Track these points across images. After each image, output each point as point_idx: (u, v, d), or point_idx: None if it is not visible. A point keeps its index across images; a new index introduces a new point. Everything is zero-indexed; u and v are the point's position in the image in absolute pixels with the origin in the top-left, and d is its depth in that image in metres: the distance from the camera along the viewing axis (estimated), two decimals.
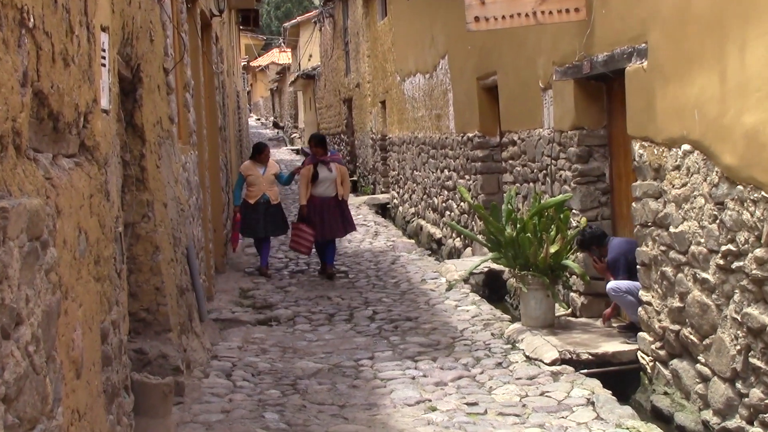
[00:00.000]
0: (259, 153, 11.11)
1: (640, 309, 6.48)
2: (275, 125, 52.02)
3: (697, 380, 5.58)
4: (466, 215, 11.99)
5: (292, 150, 38.32)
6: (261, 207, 10.99)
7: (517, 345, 7.35)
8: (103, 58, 3.88)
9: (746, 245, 4.86)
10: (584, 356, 6.70)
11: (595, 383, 6.23)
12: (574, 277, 7.90)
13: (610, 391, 6.04)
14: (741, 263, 4.92)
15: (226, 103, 15.10)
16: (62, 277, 2.71)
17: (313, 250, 11.15)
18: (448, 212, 13.12)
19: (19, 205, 2.22)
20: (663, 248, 5.99)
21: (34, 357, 2.29)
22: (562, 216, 7.59)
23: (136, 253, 5.72)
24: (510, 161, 9.94)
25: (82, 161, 3.26)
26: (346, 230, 10.95)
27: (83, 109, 3.21)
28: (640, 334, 6.50)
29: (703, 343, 5.48)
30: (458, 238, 12.40)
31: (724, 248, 5.10)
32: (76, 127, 3.11)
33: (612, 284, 6.95)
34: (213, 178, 11.13)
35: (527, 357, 6.97)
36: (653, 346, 6.25)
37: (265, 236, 11.08)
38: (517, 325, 7.85)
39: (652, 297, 6.24)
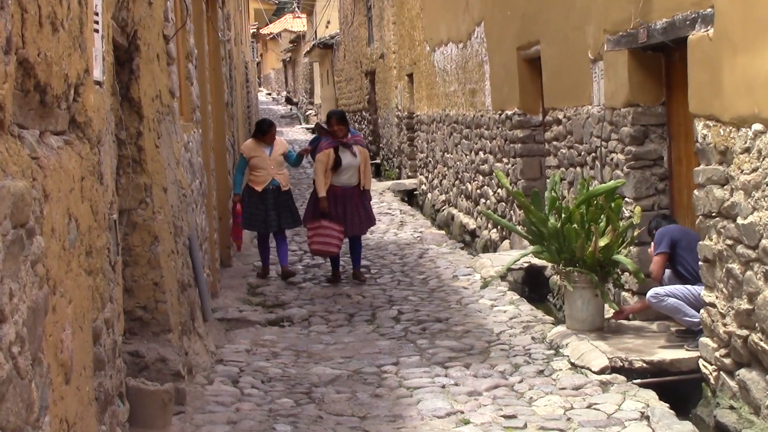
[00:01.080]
0: (263, 133, 10.38)
1: (702, 311, 6.43)
2: (288, 101, 52.14)
3: None
4: (503, 203, 11.95)
5: (307, 129, 38.38)
6: (270, 195, 10.29)
7: (561, 351, 7.32)
8: (96, 23, 3.88)
9: None
10: (638, 364, 6.67)
11: (650, 395, 6.19)
12: (627, 274, 7.85)
13: (668, 405, 6.00)
14: None
15: (234, 76, 15.13)
16: (50, 270, 2.71)
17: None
18: (483, 200, 13.09)
19: (2, 188, 2.22)
20: (729, 242, 5.93)
21: (19, 359, 2.29)
22: (613, 205, 7.55)
23: (133, 243, 5.74)
24: (554, 142, 9.88)
25: (72, 139, 3.26)
26: (368, 225, 10.41)
27: (74, 80, 3.21)
28: (702, 339, 6.45)
29: None
30: (494, 230, 12.36)
31: None
32: (65, 101, 3.11)
33: (651, 292, 6.99)
34: (219, 159, 11.17)
35: (572, 364, 6.95)
36: (717, 354, 6.19)
37: (279, 230, 10.43)
38: (561, 329, 7.82)
39: (716, 298, 6.18)
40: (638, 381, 6.52)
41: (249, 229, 10.68)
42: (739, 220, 5.77)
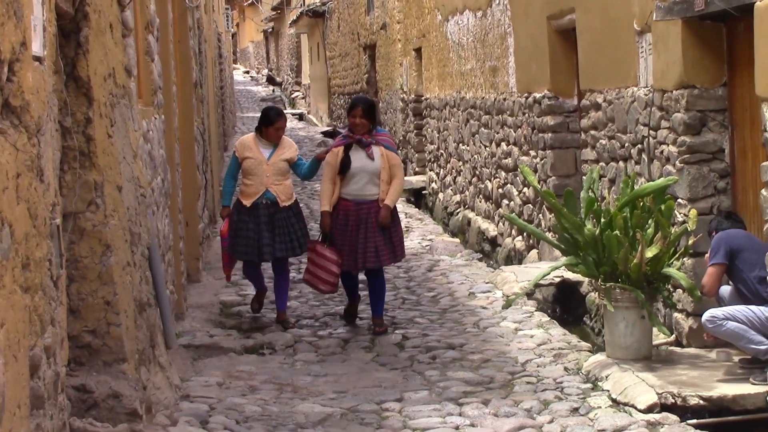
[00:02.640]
0: (269, 123, 9.41)
1: None
2: (270, 81, 52.12)
3: None
4: (530, 205, 11.93)
5: (293, 115, 38.35)
6: (261, 211, 9.30)
7: (599, 384, 7.30)
8: None
9: None
10: (693, 401, 6.65)
11: None
12: (680, 291, 7.82)
13: None
14: None
15: (204, 50, 15.13)
16: None
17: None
18: (505, 201, 13.07)
19: None
20: None
21: None
22: (663, 207, 7.53)
23: (80, 253, 5.71)
24: (592, 132, 9.86)
25: (5, 127, 3.25)
26: (394, 255, 9.25)
27: (7, 55, 3.20)
28: None
29: None
30: (519, 237, 12.34)
31: None
32: None
33: (707, 315, 6.97)
34: (185, 152, 11.15)
35: (614, 401, 6.92)
36: None
37: (275, 259, 9.47)
38: (600, 357, 7.80)
39: None
40: (694, 421, 6.49)
41: (235, 256, 9.64)
42: None
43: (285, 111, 42.03)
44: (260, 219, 9.31)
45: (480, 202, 14.58)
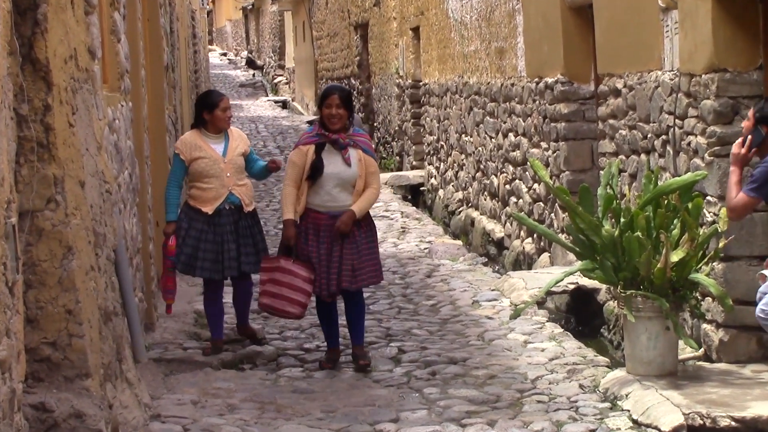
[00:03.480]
0: (213, 106, 8.82)
1: None
2: (250, 64, 52.20)
3: None
4: (541, 204, 11.93)
5: (276, 103, 38.40)
6: (225, 219, 8.75)
7: (619, 403, 7.31)
8: None
9: None
10: (724, 422, 6.64)
11: None
12: (709, 299, 7.82)
13: None
14: None
15: (176, 30, 15.11)
16: None
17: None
18: (513, 199, 13.07)
19: None
20: None
21: None
22: (690, 206, 7.53)
23: (38, 256, 5.70)
24: (610, 121, 9.86)
25: None
26: (371, 276, 8.66)
27: None
28: None
29: None
30: (529, 239, 12.34)
31: None
32: None
33: (761, 306, 6.78)
34: (156, 143, 11.14)
35: (635, 422, 6.91)
36: None
37: (239, 274, 8.93)
38: (619, 373, 7.80)
39: None
40: None
41: (190, 274, 9.16)
42: None
43: (267, 98, 41.98)
44: (224, 228, 8.73)
45: (485, 199, 14.58)
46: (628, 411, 7.10)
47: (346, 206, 8.38)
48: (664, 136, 8.63)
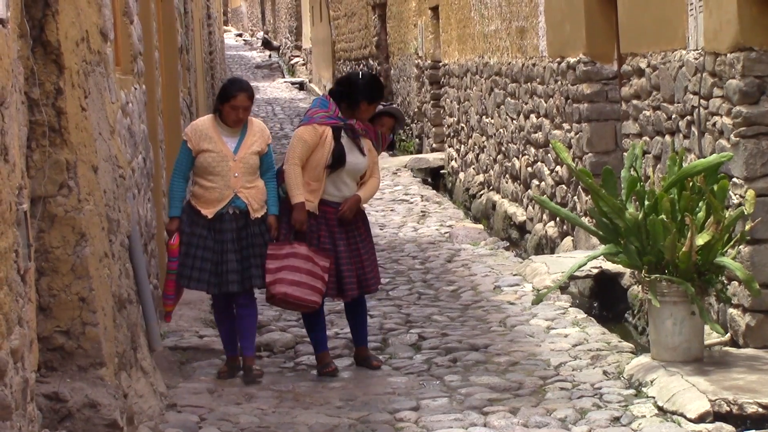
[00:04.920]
0: (227, 99, 7.88)
1: None
2: (266, 45, 52.11)
3: None
4: (563, 186, 11.91)
5: (293, 84, 38.36)
6: (227, 225, 7.87)
7: (644, 390, 7.30)
8: None
9: None
10: (751, 409, 6.61)
11: None
12: (735, 283, 7.80)
13: None
14: None
15: (190, 10, 15.11)
16: None
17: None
18: (535, 182, 13.05)
19: None
20: None
21: None
22: (716, 188, 7.50)
23: (51, 243, 5.71)
24: (634, 101, 9.82)
25: None
26: (375, 280, 8.32)
27: None
28: None
29: None
30: (551, 222, 12.32)
31: None
32: None
33: None
34: (170, 126, 11.15)
35: (660, 409, 6.90)
36: None
37: (243, 290, 7.96)
38: (644, 359, 7.79)
39: None
40: None
41: (186, 286, 8.04)
42: None
43: (284, 80, 41.79)
44: (225, 235, 7.82)
45: (506, 182, 14.56)
46: (653, 398, 7.09)
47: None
48: (688, 117, 8.60)
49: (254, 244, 7.85)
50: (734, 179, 7.79)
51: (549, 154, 12.38)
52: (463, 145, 17.47)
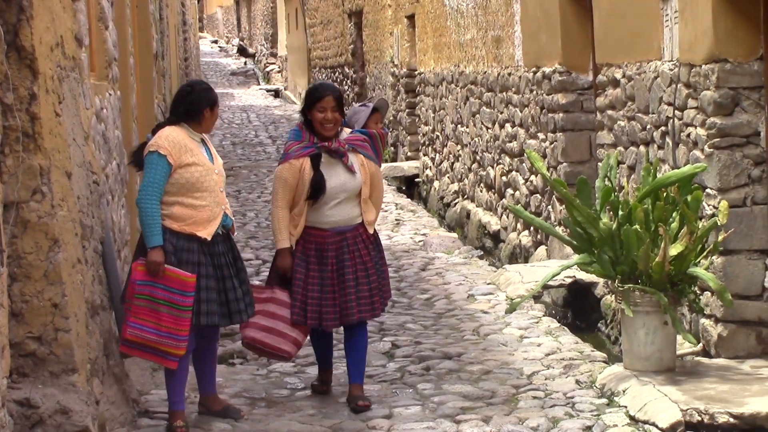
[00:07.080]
0: (197, 111, 6.92)
1: None
2: (241, 52, 52.11)
3: None
4: (538, 196, 11.94)
5: (268, 91, 38.31)
6: (222, 246, 7.00)
7: (616, 399, 7.32)
8: None
9: None
10: (722, 418, 6.66)
11: None
12: (708, 294, 7.84)
13: None
14: None
15: (165, 17, 15.10)
16: None
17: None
18: (510, 191, 13.08)
19: None
20: None
21: None
22: (689, 198, 7.54)
23: (23, 249, 5.70)
24: (609, 112, 9.86)
25: None
26: (381, 303, 7.74)
27: None
28: None
29: None
30: (526, 232, 12.35)
31: None
32: None
33: None
34: (144, 133, 11.09)
35: (632, 418, 6.94)
36: None
37: (248, 318, 7.19)
38: (616, 368, 7.82)
39: None
40: None
41: (196, 324, 6.84)
42: None
43: (259, 87, 41.63)
44: (220, 259, 6.95)
45: (481, 191, 14.58)
46: (626, 407, 7.12)
47: (353, 218, 7.47)
48: (663, 128, 8.64)
49: (241, 267, 7.17)
50: (708, 190, 7.83)
51: (524, 164, 12.41)
52: (438, 154, 17.48)
